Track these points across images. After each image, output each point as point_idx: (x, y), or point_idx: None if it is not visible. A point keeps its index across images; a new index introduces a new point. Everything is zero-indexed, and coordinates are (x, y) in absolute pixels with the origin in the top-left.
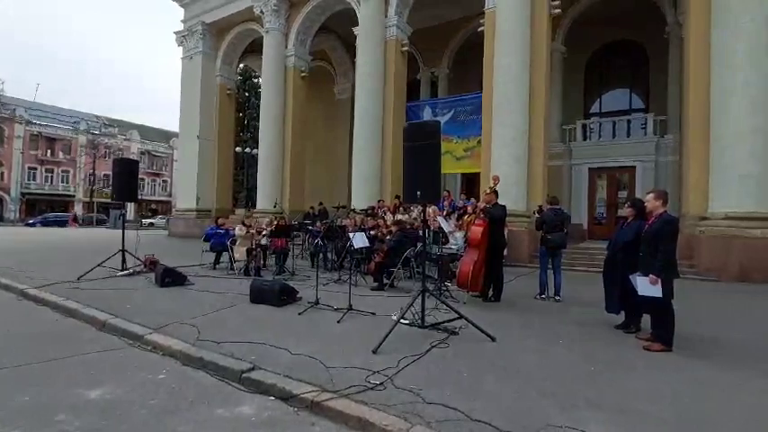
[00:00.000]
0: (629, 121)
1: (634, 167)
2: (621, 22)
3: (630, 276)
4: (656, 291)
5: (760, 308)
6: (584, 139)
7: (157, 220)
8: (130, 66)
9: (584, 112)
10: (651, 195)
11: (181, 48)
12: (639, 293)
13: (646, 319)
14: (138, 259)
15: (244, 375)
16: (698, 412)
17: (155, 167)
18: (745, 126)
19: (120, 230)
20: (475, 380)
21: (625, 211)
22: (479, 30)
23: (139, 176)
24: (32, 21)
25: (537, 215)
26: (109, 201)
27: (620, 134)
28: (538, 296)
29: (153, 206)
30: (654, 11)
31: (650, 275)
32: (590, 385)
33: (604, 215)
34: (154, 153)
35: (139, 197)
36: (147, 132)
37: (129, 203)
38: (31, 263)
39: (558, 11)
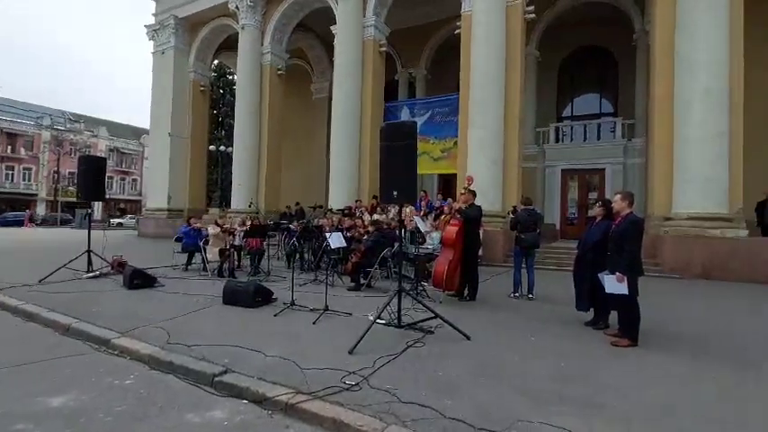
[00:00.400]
0: (599, 125)
1: (604, 169)
2: (592, 28)
3: (599, 275)
4: (622, 288)
5: (719, 304)
6: (557, 141)
7: (126, 220)
8: (102, 64)
9: (557, 115)
10: (618, 196)
11: (152, 42)
12: (607, 291)
13: (614, 316)
14: (105, 261)
15: (216, 379)
16: (661, 404)
17: (124, 165)
18: (707, 131)
19: (87, 231)
20: (450, 378)
21: (594, 211)
22: (456, 32)
23: (107, 174)
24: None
25: (511, 215)
26: (74, 200)
27: (591, 137)
28: (512, 294)
29: (122, 205)
30: (622, 18)
31: (617, 274)
32: (560, 381)
33: (576, 215)
34: (123, 150)
35: (107, 196)
36: (115, 129)
37: (96, 203)
38: None
39: (532, 16)
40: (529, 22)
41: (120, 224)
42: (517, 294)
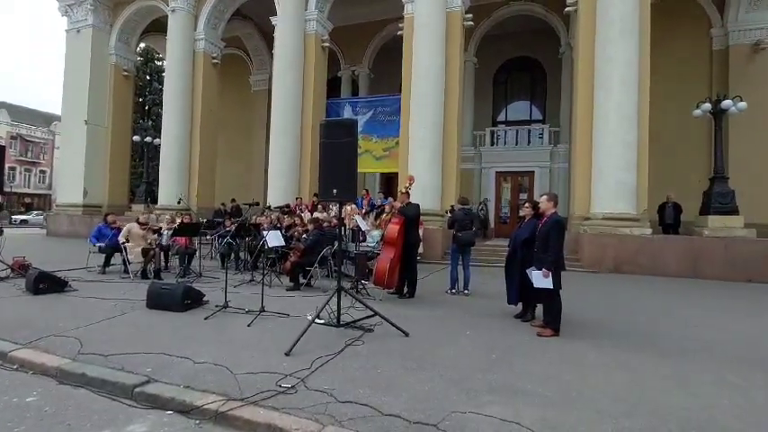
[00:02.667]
0: (529, 131)
1: (533, 172)
2: (525, 39)
3: (527, 270)
4: (547, 283)
5: (628, 295)
6: (492, 144)
7: (33, 217)
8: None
9: (493, 119)
10: (544, 197)
11: (66, 18)
12: (534, 285)
13: (540, 308)
14: (3, 262)
15: (136, 390)
16: (579, 389)
17: (30, 155)
18: (619, 140)
19: None
20: (388, 375)
21: (523, 211)
22: (399, 33)
23: (8, 165)
24: None
25: (449, 214)
26: None
27: (522, 142)
28: (449, 291)
29: (27, 200)
30: (550, 33)
31: (543, 269)
32: (491, 371)
33: (508, 215)
34: (29, 138)
35: (9, 189)
36: (19, 113)
37: None
38: None
39: (470, 23)
40: (467, 30)
41: (24, 221)
42: (454, 291)
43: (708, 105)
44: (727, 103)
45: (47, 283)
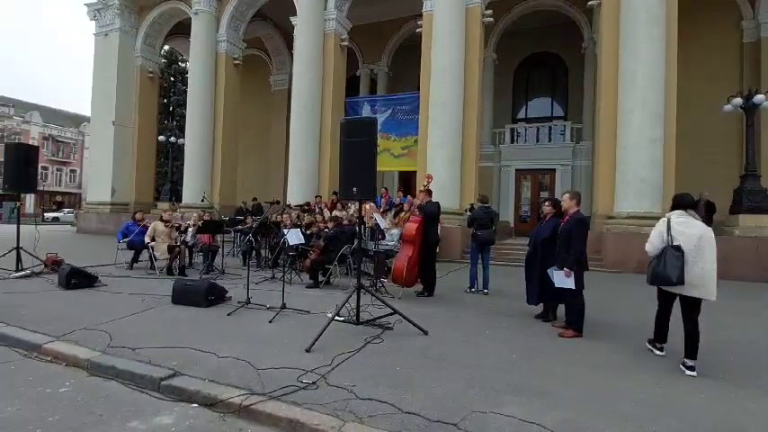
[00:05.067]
0: (550, 128)
1: (554, 170)
2: (546, 35)
3: (548, 270)
4: (570, 283)
5: (653, 297)
6: (512, 142)
7: (64, 215)
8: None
9: (513, 117)
10: (567, 196)
11: (94, 23)
12: (556, 285)
13: (562, 309)
14: (37, 258)
15: (163, 383)
16: (602, 391)
17: (61, 155)
18: (645, 138)
19: (15, 225)
20: (407, 373)
21: (544, 209)
22: (418, 30)
23: (41, 165)
24: None
25: (468, 213)
26: (1, 192)
27: (543, 139)
28: (468, 290)
29: (59, 198)
30: (573, 28)
31: (565, 269)
32: (511, 372)
33: (528, 213)
34: (60, 139)
35: (41, 188)
36: (51, 115)
37: (26, 195)
38: None
39: (490, 19)
40: (487, 26)
41: (56, 219)
42: (473, 290)
43: (739, 100)
44: (759, 97)
45: (78, 279)
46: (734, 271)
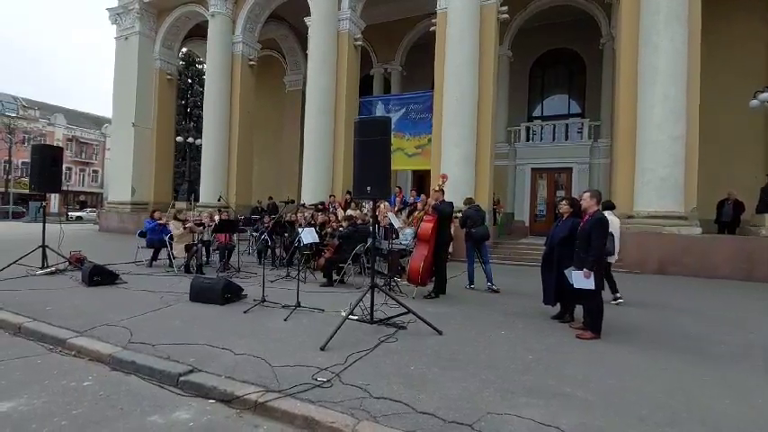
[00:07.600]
0: (567, 126)
1: (571, 168)
2: (562, 31)
3: (565, 270)
4: (588, 284)
5: (673, 297)
6: (528, 140)
7: (86, 214)
8: (62, 50)
9: (528, 115)
10: (587, 195)
11: (115, 26)
12: (574, 286)
13: (579, 310)
14: (61, 256)
15: (181, 378)
16: (620, 394)
17: (84, 156)
18: (665, 134)
19: (41, 224)
20: (421, 373)
21: (561, 208)
22: (431, 29)
23: (65, 165)
24: None
25: (461, 214)
26: (27, 191)
27: (559, 137)
28: (467, 286)
29: (81, 198)
30: (590, 23)
31: (584, 270)
32: (528, 373)
33: (544, 212)
34: (82, 140)
35: (65, 188)
36: (74, 117)
37: (51, 195)
38: None
39: (505, 16)
40: (502, 23)
41: (79, 218)
42: (472, 286)
43: (766, 95)
44: None
45: (100, 276)
46: (759, 273)
